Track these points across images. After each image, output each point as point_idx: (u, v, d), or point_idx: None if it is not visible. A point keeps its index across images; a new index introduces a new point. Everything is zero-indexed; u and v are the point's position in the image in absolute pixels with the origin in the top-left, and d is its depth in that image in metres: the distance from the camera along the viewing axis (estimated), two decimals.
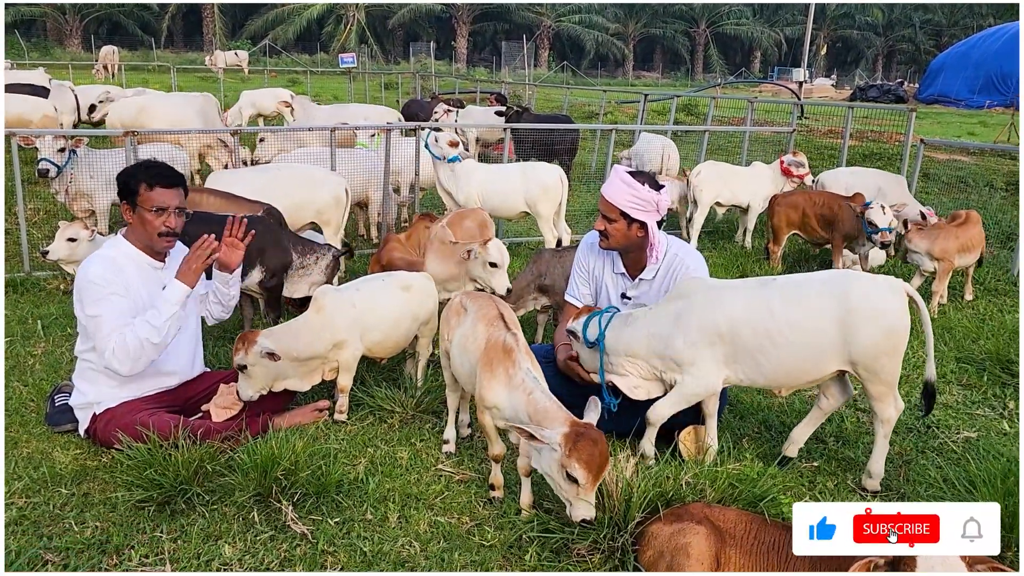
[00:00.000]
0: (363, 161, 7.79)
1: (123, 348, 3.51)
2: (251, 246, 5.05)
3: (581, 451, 2.76)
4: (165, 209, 3.66)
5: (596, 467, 2.79)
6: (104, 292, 3.55)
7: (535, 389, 3.02)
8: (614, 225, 3.88)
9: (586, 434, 2.81)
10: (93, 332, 3.57)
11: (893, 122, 12.45)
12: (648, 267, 4.03)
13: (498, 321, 3.31)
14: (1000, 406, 4.64)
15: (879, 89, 33.63)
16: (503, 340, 3.18)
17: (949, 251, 6.13)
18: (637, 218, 3.83)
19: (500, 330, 3.25)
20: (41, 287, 6.23)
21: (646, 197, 3.80)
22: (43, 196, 8.63)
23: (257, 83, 24.61)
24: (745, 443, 4.03)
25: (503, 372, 3.11)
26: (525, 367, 3.10)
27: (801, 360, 3.43)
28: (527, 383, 3.04)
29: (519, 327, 3.35)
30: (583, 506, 2.84)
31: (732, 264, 7.54)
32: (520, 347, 3.17)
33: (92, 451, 3.74)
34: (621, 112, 20.70)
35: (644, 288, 4.05)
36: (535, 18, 51.69)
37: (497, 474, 3.44)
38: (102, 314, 3.54)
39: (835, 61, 62.41)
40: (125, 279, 3.64)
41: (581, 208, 9.87)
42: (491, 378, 3.14)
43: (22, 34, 38.45)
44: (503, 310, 3.41)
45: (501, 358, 3.14)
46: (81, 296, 3.59)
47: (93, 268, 3.60)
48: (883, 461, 3.61)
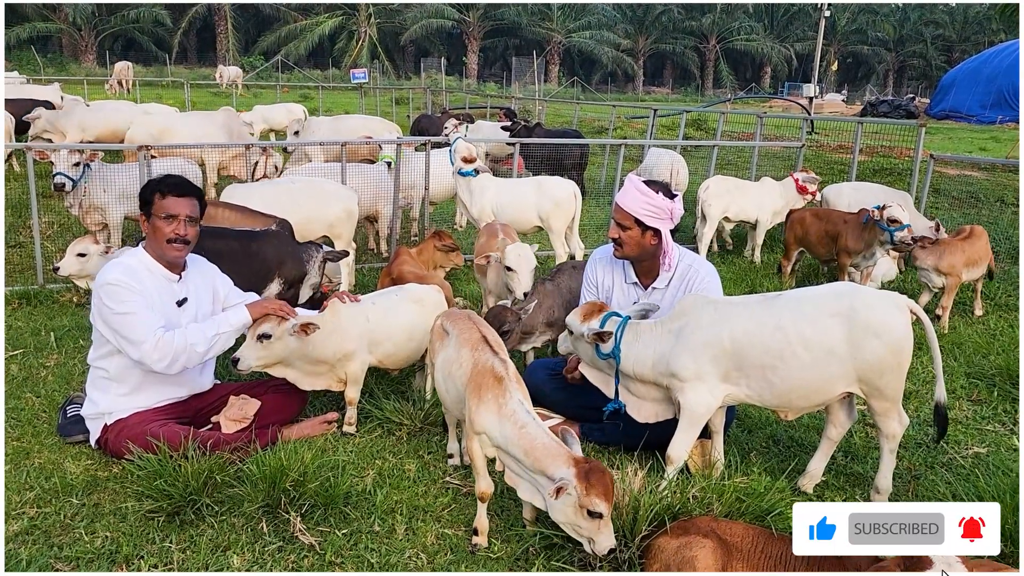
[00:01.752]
0: (373, 175, 7.85)
1: (168, 343, 3.60)
2: (269, 259, 5.15)
3: (597, 485, 2.74)
4: (175, 216, 3.73)
5: (612, 495, 2.81)
6: (127, 292, 3.61)
7: (528, 423, 2.93)
8: (628, 233, 3.92)
9: (593, 467, 2.79)
10: (125, 328, 3.59)
11: (903, 137, 12.43)
12: (661, 275, 4.06)
13: (482, 345, 3.22)
14: (1010, 421, 4.62)
15: (890, 104, 33.56)
16: (492, 366, 3.09)
17: (956, 266, 6.12)
18: (651, 226, 3.87)
19: (487, 354, 3.16)
20: (55, 299, 6.29)
21: (660, 205, 3.84)
22: (57, 210, 8.72)
23: (270, 98, 24.81)
24: (753, 457, 4.03)
25: (492, 399, 3.02)
26: (517, 397, 3.00)
27: (811, 378, 3.41)
28: (519, 415, 2.95)
29: (505, 350, 3.27)
30: (605, 536, 2.82)
31: (741, 279, 7.54)
32: (510, 375, 3.08)
33: (103, 461, 3.77)
34: (631, 127, 20.75)
35: (657, 297, 4.07)
36: (545, 34, 51.95)
37: (482, 518, 3.22)
38: (132, 311, 3.59)
39: (846, 76, 62.41)
40: (143, 285, 3.69)
41: (591, 223, 9.90)
42: (479, 404, 3.04)
43: (38, 50, 38.92)
44: (485, 332, 3.33)
45: (491, 384, 3.04)
46: (103, 298, 3.62)
47: (112, 272, 3.66)
48: (891, 476, 3.60)
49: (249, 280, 5.14)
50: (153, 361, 3.60)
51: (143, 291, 3.68)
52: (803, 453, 4.07)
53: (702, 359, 3.46)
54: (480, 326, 3.38)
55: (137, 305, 3.61)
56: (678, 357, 3.49)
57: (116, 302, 3.60)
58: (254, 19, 51.59)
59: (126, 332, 3.60)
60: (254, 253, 5.17)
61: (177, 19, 46.67)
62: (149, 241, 3.83)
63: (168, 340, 3.61)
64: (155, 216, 3.73)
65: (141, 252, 3.84)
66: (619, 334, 3.65)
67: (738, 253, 8.93)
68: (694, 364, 3.46)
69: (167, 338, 3.61)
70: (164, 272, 3.83)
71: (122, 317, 3.60)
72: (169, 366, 3.63)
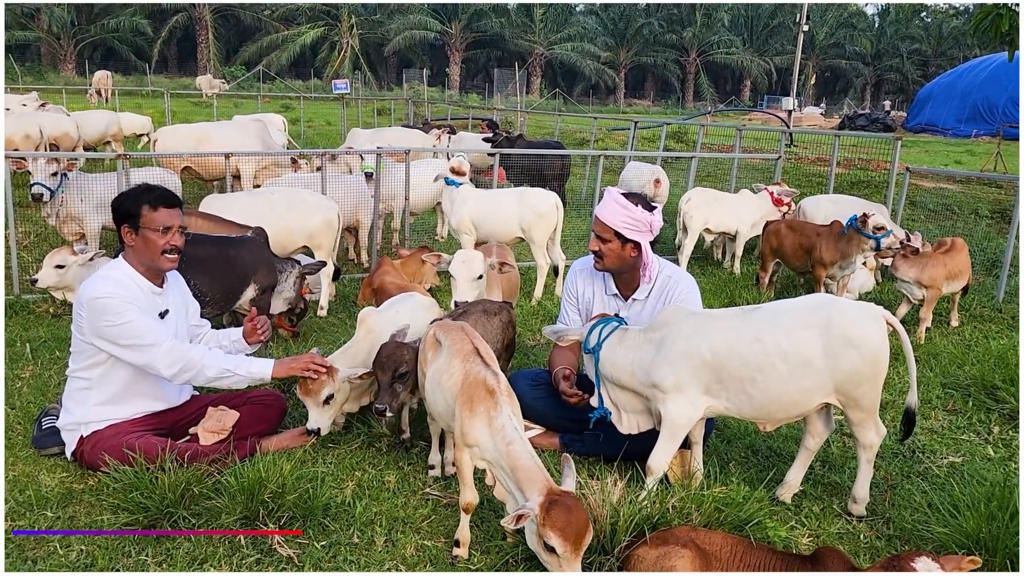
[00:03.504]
0: (353, 186, 7.85)
1: (183, 353, 3.63)
2: (245, 265, 5.18)
3: (556, 519, 2.61)
4: (170, 228, 3.72)
5: (574, 534, 2.62)
6: (122, 302, 3.58)
7: (515, 440, 2.88)
8: (608, 245, 3.95)
9: (560, 501, 2.65)
10: (129, 336, 3.57)
11: (880, 150, 12.60)
12: (641, 287, 4.10)
13: (474, 356, 3.19)
14: (985, 431, 4.68)
15: (867, 118, 34.02)
16: (484, 378, 3.06)
17: (937, 278, 6.20)
18: (631, 238, 3.90)
19: (478, 366, 3.13)
20: (30, 310, 6.22)
21: (639, 217, 3.87)
22: (34, 219, 8.64)
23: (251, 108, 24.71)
24: (732, 467, 4.05)
25: (484, 411, 2.98)
26: (507, 412, 2.96)
27: (789, 390, 3.43)
28: (507, 431, 2.90)
29: (496, 362, 3.26)
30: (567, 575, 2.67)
31: (721, 290, 7.59)
32: (502, 388, 3.04)
33: (78, 474, 3.73)
34: (612, 139, 20.87)
35: (637, 308, 4.10)
36: (528, 46, 52.20)
37: (464, 529, 3.20)
38: (132, 319, 3.57)
39: (824, 90, 63.16)
40: (133, 296, 3.67)
41: (572, 234, 9.94)
42: (471, 416, 3.01)
43: (16, 59, 38.57)
44: (477, 344, 3.29)
45: (483, 397, 3.01)
46: (98, 312, 3.57)
47: (104, 287, 3.61)
48: (867, 486, 3.63)
49: (228, 285, 5.16)
50: (163, 365, 3.61)
51: (134, 302, 3.65)
52: (782, 463, 4.09)
53: (682, 370, 3.48)
54: (473, 338, 3.34)
55: (132, 314, 3.59)
56: (658, 368, 3.50)
57: (114, 314, 3.57)
58: (235, 29, 51.47)
59: (133, 339, 3.58)
60: (233, 259, 5.20)
61: (158, 28, 46.48)
62: (136, 253, 3.77)
63: (183, 350, 3.65)
64: (146, 228, 3.69)
65: (124, 265, 3.78)
66: (603, 333, 3.66)
67: (717, 264, 9.00)
68: (674, 376, 3.47)
69: (182, 347, 3.66)
70: (148, 285, 3.80)
71: (122, 327, 3.57)
72: (176, 375, 3.65)
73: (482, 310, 4.21)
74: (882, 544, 3.44)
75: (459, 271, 4.64)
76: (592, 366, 3.75)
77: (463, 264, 4.65)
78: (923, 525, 3.41)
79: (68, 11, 42.79)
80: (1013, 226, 7.43)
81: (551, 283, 7.52)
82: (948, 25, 58.81)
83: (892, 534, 3.50)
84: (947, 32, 58.64)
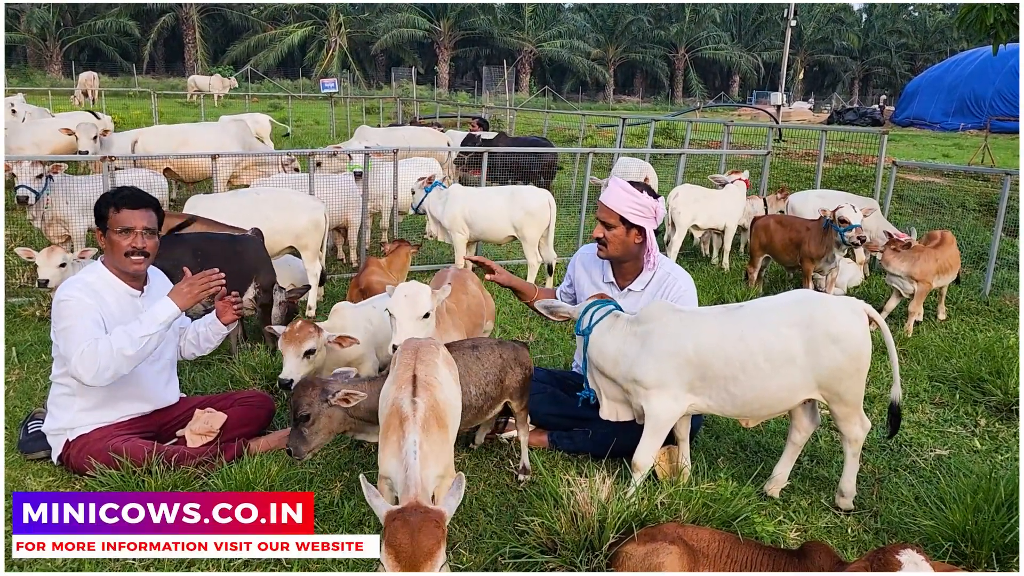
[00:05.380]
0: (342, 185, 7.83)
1: (92, 354, 3.42)
2: (250, 260, 5.24)
3: (391, 536, 2.32)
4: (131, 229, 3.67)
5: (407, 559, 2.29)
6: (77, 308, 3.54)
7: (411, 465, 2.60)
8: (613, 232, 3.95)
9: (407, 518, 2.34)
10: (63, 343, 3.53)
11: (868, 144, 12.64)
12: (642, 274, 4.10)
13: (407, 386, 2.88)
14: (971, 424, 4.70)
15: (856, 112, 34.14)
16: (400, 406, 2.80)
17: (928, 272, 6.23)
18: (636, 224, 3.91)
19: (403, 393, 2.85)
20: (16, 313, 6.19)
21: (645, 203, 3.89)
22: (19, 222, 8.59)
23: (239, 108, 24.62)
24: (720, 463, 4.06)
25: (396, 441, 2.73)
26: (412, 439, 2.68)
27: (772, 388, 3.43)
28: (408, 458, 2.63)
29: (433, 388, 2.92)
30: None
31: (710, 286, 7.60)
32: (416, 417, 2.75)
33: (65, 478, 3.72)
34: (601, 136, 20.89)
35: (632, 299, 4.08)
36: (517, 43, 52.14)
37: None
38: (72, 325, 3.51)
39: (812, 85, 63.32)
40: (100, 301, 3.63)
41: (561, 231, 9.92)
42: (385, 446, 2.80)
43: None
44: (419, 371, 2.96)
45: (396, 426, 2.76)
46: (54, 314, 3.59)
47: (67, 289, 3.61)
48: (854, 479, 3.65)
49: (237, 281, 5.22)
50: (81, 375, 3.44)
51: (100, 307, 3.62)
52: (769, 458, 4.11)
53: (666, 367, 3.46)
54: (418, 365, 3.01)
55: (78, 320, 3.50)
56: (642, 364, 3.49)
57: (60, 318, 3.54)
58: (223, 29, 51.23)
59: (63, 347, 3.53)
60: (240, 254, 5.29)
61: (145, 29, 46.25)
62: (107, 256, 3.77)
63: (91, 351, 3.42)
64: (111, 230, 3.67)
65: (100, 268, 3.78)
66: (595, 317, 3.65)
67: (706, 260, 9.02)
68: (657, 371, 3.46)
69: (90, 349, 3.42)
70: (125, 288, 3.78)
71: (64, 332, 3.53)
72: (97, 377, 3.44)
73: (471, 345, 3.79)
74: (870, 538, 3.45)
75: (400, 309, 3.70)
76: (581, 348, 3.75)
77: (405, 300, 3.72)
78: (910, 518, 3.43)
79: (52, 12, 42.53)
80: (999, 219, 7.47)
81: (541, 282, 7.52)
82: (934, 19, 59.00)
83: (879, 527, 3.52)
84: (933, 26, 58.83)
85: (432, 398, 2.88)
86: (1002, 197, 7.46)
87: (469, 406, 3.54)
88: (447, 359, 3.26)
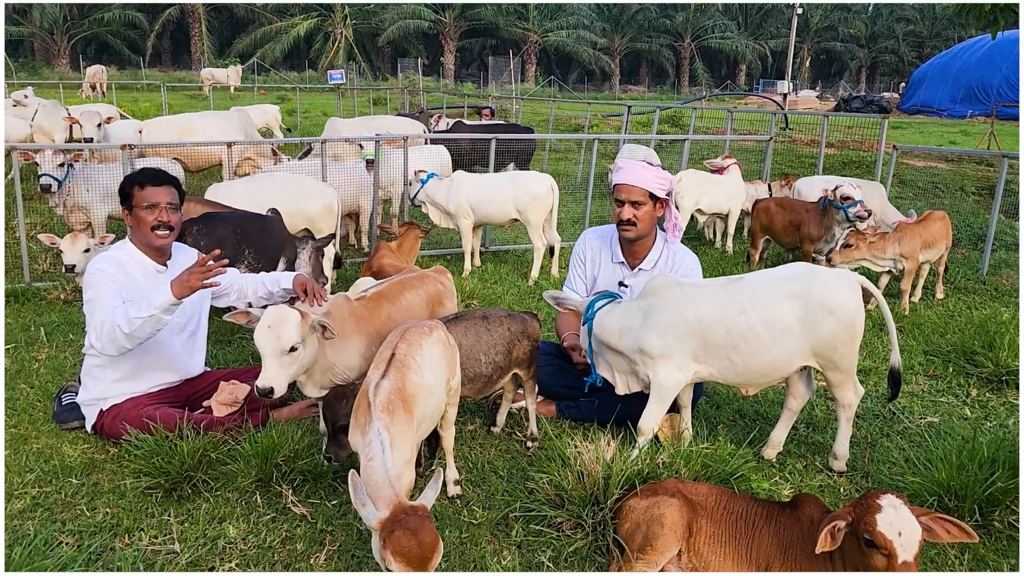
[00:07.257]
0: (353, 172, 8.03)
1: (101, 327, 3.63)
2: (278, 235, 5.63)
3: (395, 543, 2.33)
4: (156, 204, 3.90)
5: (416, 560, 2.33)
6: (103, 279, 3.76)
7: (376, 456, 2.59)
8: (644, 209, 4.14)
9: (405, 523, 2.36)
10: (88, 314, 3.75)
11: (873, 131, 12.78)
12: (650, 255, 4.30)
13: (383, 365, 2.93)
14: (963, 394, 4.88)
15: (863, 100, 34.07)
16: (366, 389, 2.83)
17: (914, 249, 6.38)
18: (661, 196, 4.13)
19: (375, 375, 2.89)
20: (42, 297, 6.41)
21: (664, 175, 4.14)
22: (40, 210, 8.82)
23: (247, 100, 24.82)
24: (720, 430, 4.25)
25: (363, 421, 2.77)
26: (377, 426, 2.66)
27: (771, 356, 3.62)
28: (372, 446, 2.63)
29: (407, 369, 2.94)
30: None
31: (713, 268, 7.78)
32: (378, 402, 2.74)
33: (99, 445, 3.93)
34: (606, 125, 21.01)
35: (643, 278, 4.23)
36: (522, 34, 52.17)
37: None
38: (97, 296, 3.73)
39: (819, 73, 63.18)
40: (127, 275, 3.86)
41: (567, 217, 10.13)
42: (354, 425, 2.84)
43: (10, 54, 38.58)
44: (399, 350, 3.00)
45: (364, 408, 2.80)
46: (84, 284, 3.83)
47: (97, 263, 3.86)
48: (847, 443, 3.84)
49: (270, 256, 5.59)
50: (93, 343, 3.67)
51: (127, 280, 3.83)
52: (767, 425, 4.29)
53: (669, 338, 3.66)
54: (400, 345, 3.04)
55: (103, 291, 3.72)
56: (647, 335, 3.68)
57: (89, 287, 3.78)
58: (229, 21, 51.43)
59: (89, 315, 3.75)
60: (271, 231, 5.62)
61: (151, 22, 46.46)
62: (134, 233, 4.01)
63: (101, 325, 3.61)
64: (136, 207, 3.90)
65: (128, 245, 4.02)
66: (596, 306, 3.85)
67: (709, 244, 9.18)
68: (660, 342, 3.65)
69: (100, 323, 3.61)
70: (151, 263, 4.00)
71: (89, 304, 3.76)
72: (104, 348, 3.64)
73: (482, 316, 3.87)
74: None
75: (262, 342, 3.25)
76: (587, 337, 3.95)
77: (268, 331, 3.24)
78: (899, 477, 3.61)
79: (61, 8, 42.77)
80: (996, 201, 7.61)
81: (547, 264, 7.72)
82: (942, 6, 58.71)
83: (870, 486, 3.71)
84: (941, 13, 58.58)
85: (402, 379, 2.89)
86: (1000, 179, 7.61)
87: (479, 375, 3.75)
88: (442, 341, 3.28)
